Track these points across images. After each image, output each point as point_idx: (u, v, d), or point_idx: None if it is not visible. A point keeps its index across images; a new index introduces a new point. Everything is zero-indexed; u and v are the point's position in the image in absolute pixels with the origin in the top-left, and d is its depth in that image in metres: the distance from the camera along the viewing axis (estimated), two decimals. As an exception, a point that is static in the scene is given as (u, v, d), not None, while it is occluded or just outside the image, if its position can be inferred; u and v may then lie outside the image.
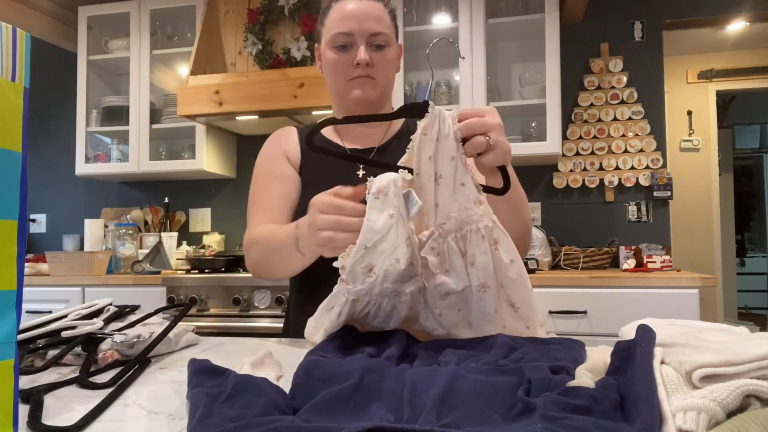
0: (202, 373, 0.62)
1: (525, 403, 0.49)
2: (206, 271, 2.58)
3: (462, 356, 0.66)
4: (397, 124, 1.21)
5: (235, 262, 2.65)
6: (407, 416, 0.49)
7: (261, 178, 1.18)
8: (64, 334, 0.82)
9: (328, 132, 1.21)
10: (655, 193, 2.84)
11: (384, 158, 1.11)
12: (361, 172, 1.14)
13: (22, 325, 0.81)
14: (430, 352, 0.70)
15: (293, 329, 1.16)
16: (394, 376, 0.58)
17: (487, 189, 0.80)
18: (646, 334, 0.58)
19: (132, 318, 0.93)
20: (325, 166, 1.15)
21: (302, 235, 0.88)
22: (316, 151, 0.88)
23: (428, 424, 0.47)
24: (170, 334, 0.87)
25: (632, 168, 2.88)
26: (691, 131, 4.28)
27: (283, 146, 1.20)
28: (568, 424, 0.45)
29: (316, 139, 1.18)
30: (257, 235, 1.07)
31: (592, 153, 2.92)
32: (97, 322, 0.85)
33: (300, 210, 1.13)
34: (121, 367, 0.76)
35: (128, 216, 3.25)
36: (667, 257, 2.48)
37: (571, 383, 0.57)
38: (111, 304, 0.95)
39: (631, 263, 2.53)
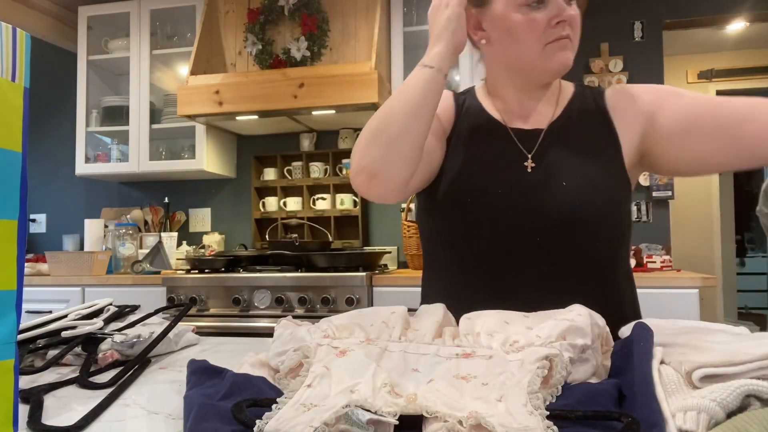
0: (200, 373, 0.62)
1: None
2: (206, 271, 2.58)
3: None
4: (566, 95, 1.00)
5: (235, 262, 2.65)
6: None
7: None
8: (64, 334, 0.82)
9: (486, 103, 1.02)
10: (655, 193, 2.84)
11: (555, 142, 0.95)
12: (529, 165, 0.94)
13: (22, 325, 0.81)
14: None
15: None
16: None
17: None
18: (643, 332, 0.58)
19: (132, 318, 0.93)
20: (479, 136, 0.97)
21: (430, 47, 0.86)
22: None
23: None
24: (170, 334, 0.87)
25: (632, 168, 2.88)
26: (691, 131, 4.28)
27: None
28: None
29: (473, 108, 1.01)
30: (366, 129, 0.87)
31: (592, 153, 2.92)
32: (97, 322, 0.85)
33: (439, 180, 0.95)
34: (121, 367, 0.76)
35: (128, 216, 3.25)
36: (667, 257, 2.48)
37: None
38: (111, 304, 0.95)
39: (631, 263, 2.53)
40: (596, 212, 0.90)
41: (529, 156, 0.94)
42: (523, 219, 0.90)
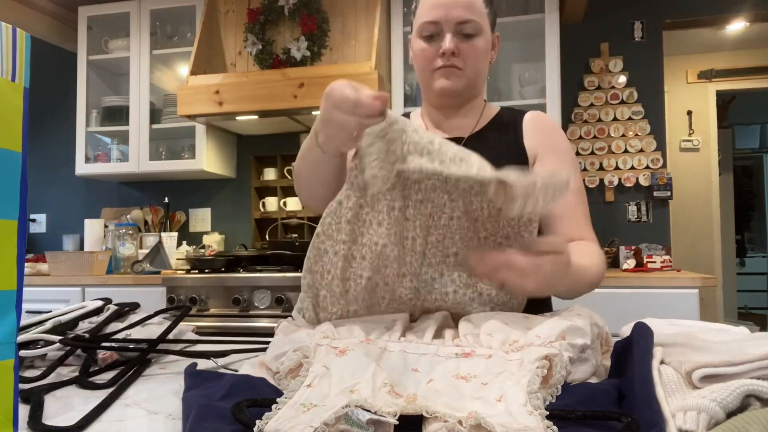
0: (197, 375, 0.62)
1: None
2: (206, 271, 2.58)
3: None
4: (490, 113, 1.15)
5: (235, 262, 2.65)
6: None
7: None
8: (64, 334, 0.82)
9: (417, 121, 1.16)
10: (655, 193, 2.84)
11: (471, 148, 1.07)
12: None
13: (22, 324, 0.81)
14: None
15: None
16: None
17: None
18: (643, 332, 0.58)
19: (133, 318, 0.93)
20: None
21: (318, 127, 0.80)
22: None
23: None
24: (170, 336, 0.87)
25: (632, 168, 2.88)
26: (691, 131, 4.28)
27: None
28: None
29: None
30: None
31: (592, 153, 2.92)
32: (97, 322, 0.85)
33: None
34: (121, 367, 0.76)
35: (128, 216, 3.25)
36: (667, 257, 2.48)
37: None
38: (110, 303, 0.95)
39: (631, 263, 2.53)
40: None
41: None
42: None
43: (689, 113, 4.28)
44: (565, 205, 1.03)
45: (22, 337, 0.79)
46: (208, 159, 3.02)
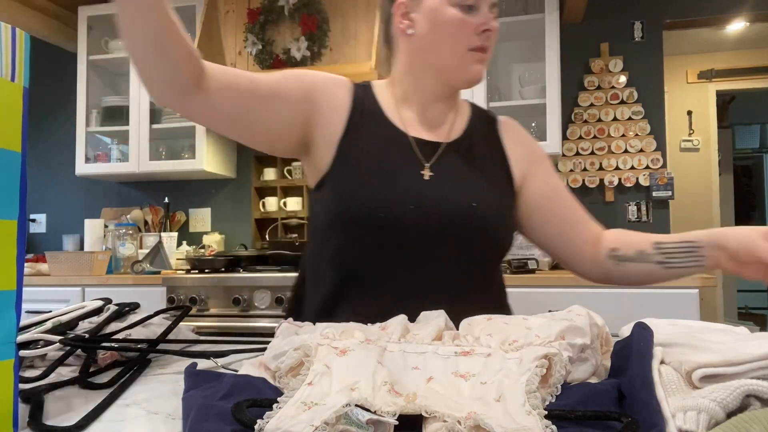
0: (197, 375, 0.62)
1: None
2: (206, 271, 2.58)
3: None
4: (464, 113, 1.04)
5: (236, 262, 2.65)
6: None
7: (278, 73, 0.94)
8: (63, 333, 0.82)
9: (388, 108, 0.99)
10: (655, 193, 2.84)
11: (453, 156, 0.96)
12: (427, 173, 0.93)
13: (22, 324, 0.81)
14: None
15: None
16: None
17: None
18: (643, 332, 0.58)
19: (133, 318, 0.93)
20: (378, 143, 0.94)
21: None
22: None
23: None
24: (170, 336, 0.87)
25: (632, 168, 2.88)
26: (691, 131, 4.29)
27: (330, 88, 0.96)
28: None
29: (371, 111, 0.97)
30: None
31: (592, 153, 2.92)
32: (97, 322, 0.85)
33: (331, 180, 0.93)
34: (121, 368, 0.76)
35: (128, 216, 3.25)
36: (667, 257, 2.48)
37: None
38: (110, 304, 0.95)
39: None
40: (484, 221, 0.92)
41: (427, 165, 0.94)
42: (417, 222, 0.90)
43: (689, 113, 4.28)
44: (575, 209, 1.05)
45: (22, 337, 0.79)
46: (208, 159, 3.02)
